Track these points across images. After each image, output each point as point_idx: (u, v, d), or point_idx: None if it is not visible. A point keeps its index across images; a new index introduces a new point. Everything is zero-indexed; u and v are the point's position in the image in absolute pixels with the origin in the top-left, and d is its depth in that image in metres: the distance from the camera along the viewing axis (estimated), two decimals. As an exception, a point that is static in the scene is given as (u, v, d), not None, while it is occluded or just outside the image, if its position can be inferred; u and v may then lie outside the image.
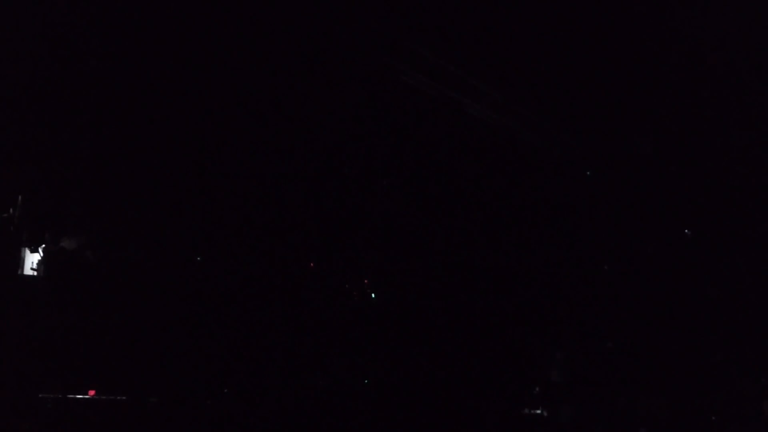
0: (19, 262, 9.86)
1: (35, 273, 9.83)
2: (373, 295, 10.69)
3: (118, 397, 9.48)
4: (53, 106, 8.95)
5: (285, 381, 9.92)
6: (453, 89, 10.07)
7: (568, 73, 10.76)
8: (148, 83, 8.83)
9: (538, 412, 10.74)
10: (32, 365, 9.19)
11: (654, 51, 10.79)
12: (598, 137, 11.31)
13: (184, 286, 9.86)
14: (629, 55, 10.79)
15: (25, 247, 9.77)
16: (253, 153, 9.87)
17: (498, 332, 10.52)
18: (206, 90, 9.43)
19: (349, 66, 9.42)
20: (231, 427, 9.55)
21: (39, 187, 9.52)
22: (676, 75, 10.94)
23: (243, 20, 9.30)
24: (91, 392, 9.55)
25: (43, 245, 9.69)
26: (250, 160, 9.86)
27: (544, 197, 10.91)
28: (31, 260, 9.86)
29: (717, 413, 10.59)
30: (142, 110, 9.17)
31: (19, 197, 9.53)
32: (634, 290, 10.96)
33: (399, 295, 10.62)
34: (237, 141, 9.77)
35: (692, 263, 11.05)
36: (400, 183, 10.49)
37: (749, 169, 11.12)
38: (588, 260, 11.08)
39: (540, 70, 10.63)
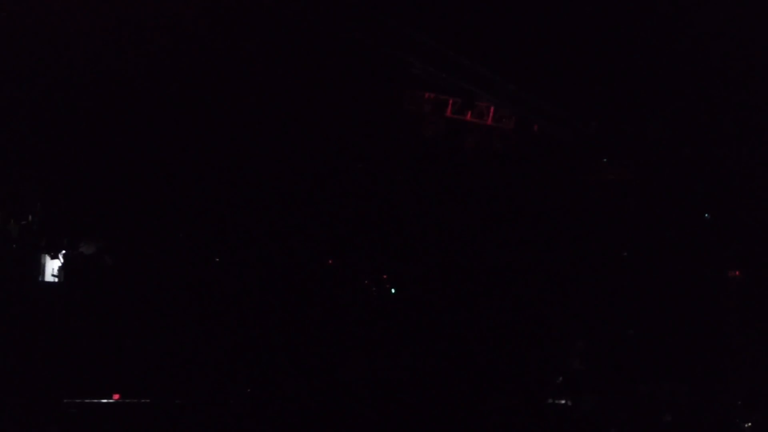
0: (40, 268, 9.98)
1: (56, 279, 9.94)
2: (392, 290, 10.67)
3: (142, 400, 9.55)
4: (71, 115, 9.02)
5: (307, 377, 9.91)
6: (465, 81, 10.09)
7: (579, 61, 10.78)
8: (166, 91, 8.89)
9: (562, 401, 10.73)
10: (55, 371, 9.27)
11: (664, 36, 10.80)
12: (611, 123, 11.32)
13: (204, 287, 9.88)
14: (638, 41, 10.82)
15: (44, 253, 9.89)
16: (270, 153, 9.90)
17: (520, 323, 10.50)
18: (220, 93, 9.49)
19: (362, 61, 9.45)
20: (255, 425, 9.56)
21: (57, 195, 9.61)
22: (686, 58, 10.95)
23: (253, 12, 9.34)
24: (116, 396, 9.62)
25: (63, 251, 9.78)
26: (267, 161, 9.90)
27: (562, 185, 10.89)
28: (52, 267, 9.96)
29: (741, 398, 10.56)
30: (160, 118, 9.23)
31: (38, 205, 9.63)
32: (654, 276, 10.92)
33: (418, 288, 10.61)
34: (253, 141, 9.80)
35: (712, 248, 11.02)
36: (417, 177, 10.48)
37: (764, 149, 11.08)
38: (607, 247, 11.06)
39: (551, 59, 10.65)
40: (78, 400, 9.38)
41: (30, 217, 9.62)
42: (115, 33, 8.01)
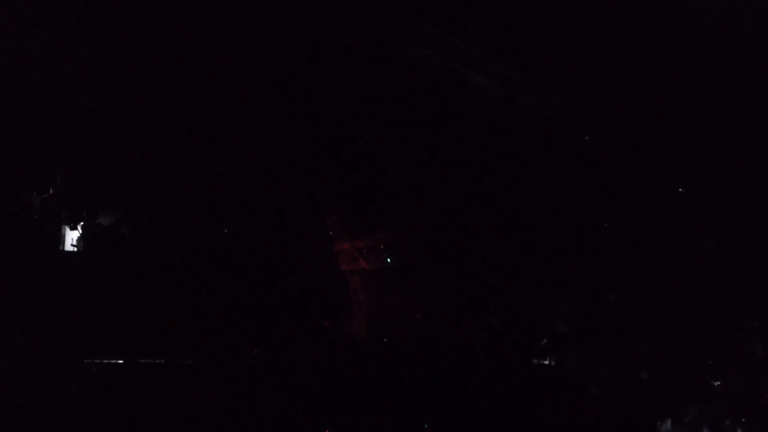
0: (60, 238, 10.33)
1: (75, 248, 10.32)
2: (388, 260, 11.08)
3: (156, 361, 9.96)
4: (89, 96, 9.33)
5: (310, 338, 10.32)
6: (457, 62, 10.28)
7: (563, 41, 10.89)
8: (179, 69, 9.08)
9: (546, 362, 11.04)
10: (76, 334, 9.65)
11: (645, 12, 10.90)
12: (594, 101, 11.44)
13: (213, 255, 10.24)
14: (619, 20, 10.91)
15: (65, 224, 10.24)
16: (273, 133, 10.23)
17: (507, 289, 10.82)
18: (228, 73, 9.77)
19: (359, 43, 9.62)
20: (263, 385, 9.97)
21: (76, 169, 9.94)
22: (667, 35, 10.97)
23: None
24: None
25: (82, 222, 10.15)
26: (271, 141, 10.23)
27: (547, 160, 11.10)
28: (71, 237, 10.32)
29: (713, 357, 10.89)
30: (174, 94, 9.55)
31: (58, 178, 9.98)
32: (634, 245, 11.12)
33: (412, 257, 10.99)
34: (258, 121, 10.12)
35: (686, 217, 11.22)
36: (412, 154, 10.79)
37: (743, 125, 11.16)
38: (589, 218, 11.25)
39: (537, 39, 10.80)
40: (97, 361, 9.79)
41: (51, 191, 9.95)
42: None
